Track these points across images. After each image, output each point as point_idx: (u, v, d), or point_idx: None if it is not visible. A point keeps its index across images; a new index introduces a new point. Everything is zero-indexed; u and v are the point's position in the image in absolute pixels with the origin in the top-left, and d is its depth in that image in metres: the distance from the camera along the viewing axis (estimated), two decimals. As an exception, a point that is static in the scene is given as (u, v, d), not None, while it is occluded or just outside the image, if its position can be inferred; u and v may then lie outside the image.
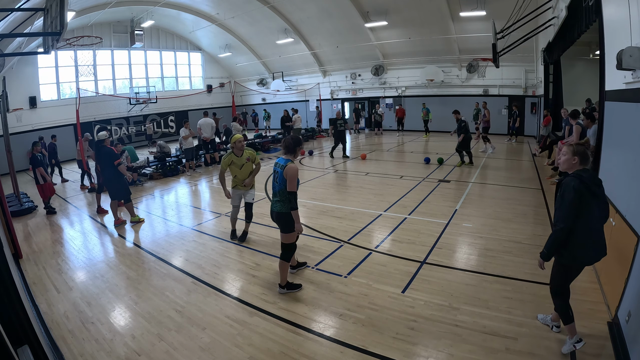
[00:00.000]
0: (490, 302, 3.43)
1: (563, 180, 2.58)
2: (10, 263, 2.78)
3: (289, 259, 3.80)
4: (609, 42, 4.13)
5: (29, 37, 10.12)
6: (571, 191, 2.45)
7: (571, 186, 2.46)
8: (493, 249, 4.59)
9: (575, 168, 2.58)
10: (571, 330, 2.69)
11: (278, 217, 3.67)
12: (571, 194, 2.44)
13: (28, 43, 11.08)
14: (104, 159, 6.28)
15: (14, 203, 7.85)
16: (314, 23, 17.20)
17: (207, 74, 22.98)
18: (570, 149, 2.61)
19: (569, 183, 2.50)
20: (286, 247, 3.74)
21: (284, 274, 3.82)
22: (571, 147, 2.62)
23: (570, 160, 2.60)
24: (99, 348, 3.06)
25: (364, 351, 2.87)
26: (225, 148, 13.31)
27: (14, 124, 13.67)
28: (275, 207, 3.69)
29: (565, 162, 2.63)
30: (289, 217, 3.60)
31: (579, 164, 2.57)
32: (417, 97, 18.02)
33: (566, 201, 2.47)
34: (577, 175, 2.51)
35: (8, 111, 11.42)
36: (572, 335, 2.70)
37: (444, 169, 9.41)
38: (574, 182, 2.47)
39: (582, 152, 2.57)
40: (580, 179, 2.48)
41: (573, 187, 2.46)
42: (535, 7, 9.09)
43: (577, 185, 2.45)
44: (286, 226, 3.65)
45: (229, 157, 5.15)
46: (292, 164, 3.58)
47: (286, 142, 3.68)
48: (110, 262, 4.91)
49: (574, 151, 2.58)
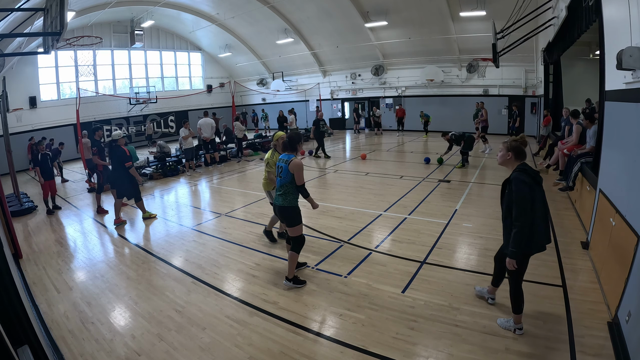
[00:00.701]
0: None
1: (511, 177, 2.68)
2: (10, 263, 2.78)
3: (299, 250, 3.88)
4: (609, 42, 4.12)
5: (29, 37, 10.13)
6: (522, 186, 2.57)
7: (521, 180, 2.58)
8: (493, 249, 4.55)
9: (511, 163, 2.75)
10: (518, 319, 2.91)
11: (281, 211, 3.77)
12: (524, 189, 2.56)
13: (28, 43, 11.08)
14: (116, 159, 6.37)
15: (14, 203, 7.85)
16: (314, 23, 17.20)
17: (207, 74, 22.99)
18: (504, 145, 2.78)
19: (518, 178, 2.61)
20: (295, 240, 3.82)
21: (292, 266, 3.90)
22: (506, 143, 2.79)
23: (505, 156, 2.77)
24: (99, 348, 3.06)
25: (364, 351, 2.87)
26: (225, 148, 13.32)
27: (14, 124, 13.68)
28: (277, 200, 3.78)
29: (500, 158, 2.81)
30: (292, 211, 3.72)
31: (514, 159, 2.73)
32: (417, 97, 18.04)
33: (521, 196, 2.57)
34: (522, 169, 2.65)
35: (8, 111, 11.42)
36: (518, 323, 2.92)
37: (444, 169, 9.41)
38: (522, 176, 2.60)
39: (516, 147, 2.71)
40: (526, 172, 2.63)
41: (523, 181, 2.58)
42: (535, 7, 9.09)
43: (526, 178, 2.59)
44: (290, 220, 3.75)
45: (275, 156, 4.68)
46: (297, 159, 3.68)
47: (284, 141, 3.82)
48: (110, 262, 4.91)
49: (508, 147, 2.75)
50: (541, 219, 2.65)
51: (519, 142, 2.76)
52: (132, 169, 6.37)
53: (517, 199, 2.57)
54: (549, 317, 3.14)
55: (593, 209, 4.31)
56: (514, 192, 2.60)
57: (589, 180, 4.97)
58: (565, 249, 4.46)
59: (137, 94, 18.58)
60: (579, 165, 5.63)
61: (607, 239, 3.54)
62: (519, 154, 2.72)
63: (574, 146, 6.46)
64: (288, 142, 3.79)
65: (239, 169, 11.21)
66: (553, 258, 4.26)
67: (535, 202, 2.59)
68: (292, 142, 3.79)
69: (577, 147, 6.31)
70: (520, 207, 2.57)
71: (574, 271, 3.93)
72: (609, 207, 3.54)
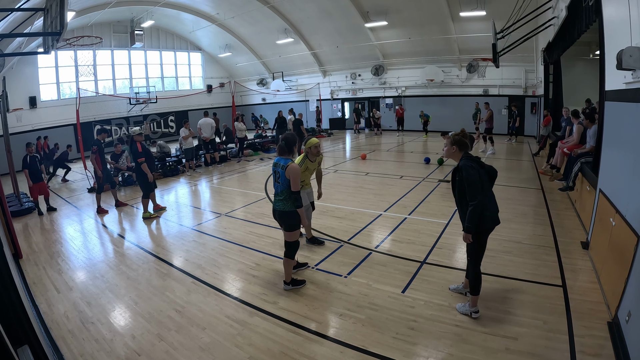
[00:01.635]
0: (490, 302, 3.43)
1: (460, 165, 3.02)
2: (10, 263, 2.78)
3: (293, 256, 3.84)
4: (609, 42, 4.12)
5: (29, 37, 10.12)
6: (471, 170, 2.92)
7: (469, 166, 2.94)
8: (493, 249, 4.58)
9: (457, 155, 3.08)
10: (474, 302, 3.18)
11: (281, 215, 3.72)
12: (473, 173, 2.91)
13: (28, 43, 11.08)
14: (133, 155, 6.76)
15: (14, 203, 7.85)
16: (313, 23, 17.20)
17: (207, 74, 22.99)
18: (448, 140, 3.10)
19: (465, 165, 2.96)
20: (290, 245, 3.78)
21: (289, 271, 3.87)
22: (449, 138, 3.11)
23: (450, 150, 3.10)
24: (99, 348, 3.06)
25: (364, 351, 2.87)
26: (225, 148, 13.31)
27: (14, 124, 13.67)
28: (277, 205, 3.73)
29: (447, 152, 3.15)
30: (291, 216, 3.67)
31: (459, 151, 3.07)
32: (417, 97, 18.04)
33: (470, 180, 2.90)
34: (467, 157, 3.03)
35: (8, 111, 11.41)
36: (474, 306, 3.19)
37: (444, 169, 9.41)
38: (468, 162, 2.98)
39: (459, 141, 3.05)
40: (470, 159, 3.02)
41: (471, 166, 2.94)
42: (535, 7, 9.09)
43: (473, 164, 2.97)
44: (289, 225, 3.71)
45: (304, 164, 4.54)
46: (293, 164, 3.62)
47: (280, 144, 3.75)
48: (110, 262, 4.91)
49: (452, 141, 3.07)
50: (489, 197, 3.04)
51: (461, 135, 3.10)
52: (144, 165, 6.54)
53: (470, 181, 2.90)
54: (549, 317, 3.14)
55: (593, 209, 4.31)
56: (464, 177, 2.93)
57: (589, 180, 4.97)
58: (565, 249, 4.47)
59: (137, 94, 18.57)
60: (579, 165, 5.63)
61: (607, 239, 3.54)
62: (462, 146, 3.06)
63: (574, 146, 6.47)
64: (285, 145, 3.69)
65: (239, 169, 11.21)
66: (553, 258, 4.26)
67: (484, 183, 2.96)
68: (289, 144, 3.71)
69: (577, 147, 6.31)
70: (472, 188, 2.90)
71: (574, 271, 3.93)
72: (609, 207, 3.54)
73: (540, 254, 4.40)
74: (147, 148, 7.05)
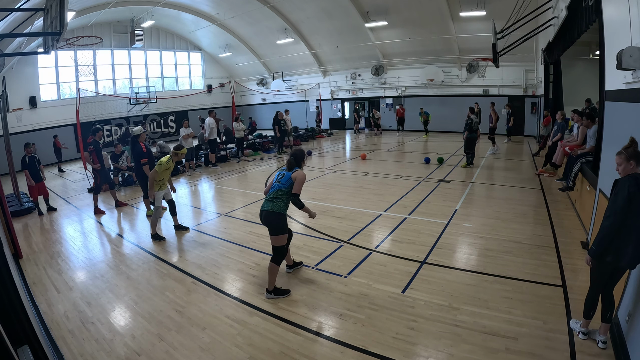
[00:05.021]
0: (490, 302, 3.43)
1: (619, 180, 2.55)
2: (10, 263, 2.78)
3: (280, 262, 3.72)
4: (609, 42, 4.12)
5: (29, 37, 10.13)
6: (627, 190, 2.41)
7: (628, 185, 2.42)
8: (493, 249, 4.59)
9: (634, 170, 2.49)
10: (584, 325, 2.87)
11: (267, 216, 3.63)
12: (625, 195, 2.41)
13: (28, 43, 11.08)
14: (135, 155, 6.70)
15: (14, 203, 7.85)
16: (313, 23, 17.20)
17: (207, 74, 22.98)
18: (623, 157, 2.53)
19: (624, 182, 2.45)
20: (277, 250, 3.69)
21: (272, 278, 3.71)
22: (623, 154, 2.55)
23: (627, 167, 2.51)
24: (99, 348, 3.06)
25: (364, 351, 2.87)
26: (225, 148, 13.31)
27: (14, 124, 13.66)
28: (265, 205, 3.67)
29: (623, 170, 2.55)
30: (279, 218, 3.61)
31: (636, 165, 2.48)
32: (417, 97, 18.03)
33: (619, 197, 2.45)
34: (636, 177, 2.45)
35: (8, 111, 11.40)
36: (583, 327, 2.87)
37: (444, 169, 9.41)
38: (632, 181, 2.44)
39: (636, 154, 2.48)
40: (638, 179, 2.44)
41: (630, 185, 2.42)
42: (535, 7, 9.09)
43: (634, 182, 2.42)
44: (275, 228, 3.62)
45: (169, 163, 5.00)
46: (301, 171, 3.73)
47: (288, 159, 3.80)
48: (110, 262, 4.91)
49: (627, 157, 2.50)
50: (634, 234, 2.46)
51: (634, 147, 2.55)
52: (146, 166, 6.53)
53: (616, 198, 2.45)
54: (549, 317, 3.14)
55: (593, 209, 4.31)
56: (617, 190, 2.46)
57: (589, 180, 4.97)
58: (565, 249, 4.47)
59: (137, 94, 18.56)
60: (579, 165, 5.63)
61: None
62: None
63: (575, 146, 6.47)
64: (293, 160, 3.77)
65: (239, 169, 11.21)
66: (553, 258, 4.26)
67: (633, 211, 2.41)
68: (297, 159, 3.79)
69: (578, 147, 6.32)
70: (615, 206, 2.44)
71: (574, 271, 3.93)
72: (609, 207, 3.53)
73: (540, 254, 4.40)
74: (149, 148, 7.05)
